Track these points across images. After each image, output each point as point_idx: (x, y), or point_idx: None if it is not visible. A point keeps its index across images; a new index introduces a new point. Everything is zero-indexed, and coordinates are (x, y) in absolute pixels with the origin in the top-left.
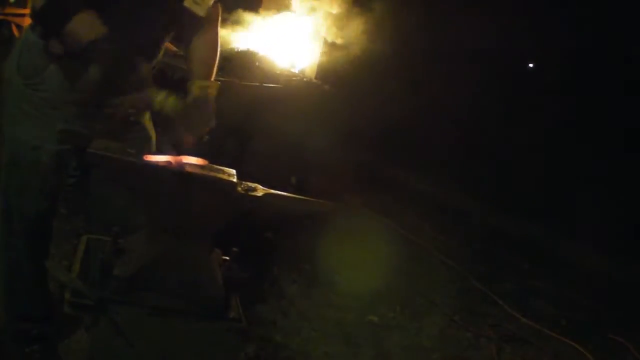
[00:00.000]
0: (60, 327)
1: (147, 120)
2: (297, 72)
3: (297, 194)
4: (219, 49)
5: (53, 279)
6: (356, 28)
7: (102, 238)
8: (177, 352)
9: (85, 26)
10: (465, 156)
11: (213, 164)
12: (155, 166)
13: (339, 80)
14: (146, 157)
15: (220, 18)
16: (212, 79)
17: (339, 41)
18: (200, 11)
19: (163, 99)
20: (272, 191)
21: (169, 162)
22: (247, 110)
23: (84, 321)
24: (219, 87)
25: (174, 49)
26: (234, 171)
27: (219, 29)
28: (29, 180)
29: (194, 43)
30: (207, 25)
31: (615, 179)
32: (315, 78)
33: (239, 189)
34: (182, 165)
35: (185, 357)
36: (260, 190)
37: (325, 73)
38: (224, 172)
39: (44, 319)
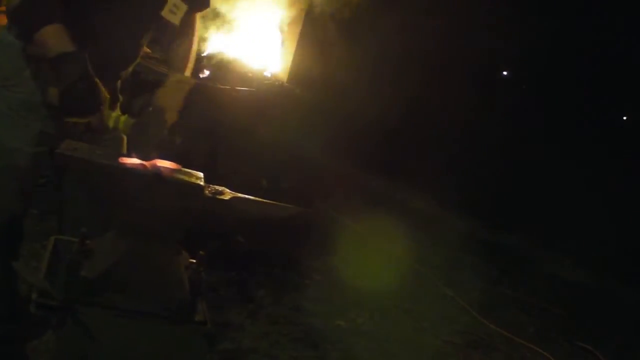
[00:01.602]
0: (27, 327)
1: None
2: (269, 75)
3: (266, 198)
4: (194, 55)
5: (21, 279)
6: (329, 33)
7: (71, 239)
8: (142, 354)
9: (53, 39)
10: (438, 163)
11: (183, 167)
12: (122, 168)
13: (310, 85)
14: (117, 159)
15: (196, 25)
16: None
17: (311, 45)
18: (176, 20)
19: (115, 118)
20: (240, 195)
21: (139, 164)
22: (219, 113)
23: (50, 322)
24: (194, 84)
25: (148, 51)
26: (201, 174)
27: (196, 35)
28: (3, 183)
29: (174, 51)
30: (185, 32)
31: (589, 188)
32: (287, 82)
33: (207, 192)
34: (152, 167)
35: (150, 359)
36: (228, 194)
37: (297, 77)
38: (191, 175)
39: (10, 319)
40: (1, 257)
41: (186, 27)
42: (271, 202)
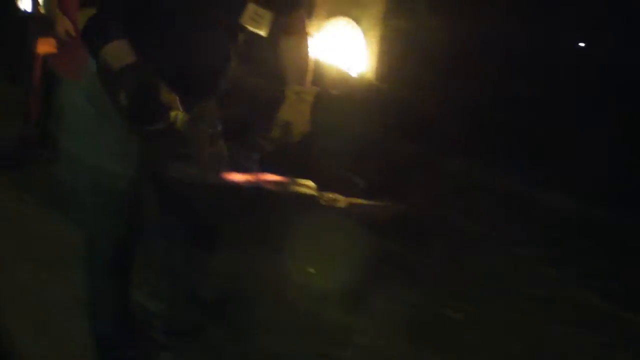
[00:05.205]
0: (148, 353)
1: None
2: (355, 75)
3: (363, 198)
4: (309, 58)
5: (140, 306)
6: (414, 30)
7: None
8: None
9: (113, 55)
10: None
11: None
12: (236, 186)
13: (399, 82)
14: (225, 177)
15: (305, 24)
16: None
17: (397, 43)
18: (261, 29)
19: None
20: (354, 200)
21: (245, 181)
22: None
23: (173, 347)
24: (316, 93)
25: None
26: (313, 184)
27: (306, 36)
28: (110, 209)
29: (282, 53)
30: (293, 33)
31: None
32: (375, 80)
33: (322, 201)
34: (261, 182)
35: None
36: (342, 201)
37: (385, 75)
38: (304, 185)
39: (131, 345)
40: (115, 283)
41: (292, 27)
42: (376, 203)
